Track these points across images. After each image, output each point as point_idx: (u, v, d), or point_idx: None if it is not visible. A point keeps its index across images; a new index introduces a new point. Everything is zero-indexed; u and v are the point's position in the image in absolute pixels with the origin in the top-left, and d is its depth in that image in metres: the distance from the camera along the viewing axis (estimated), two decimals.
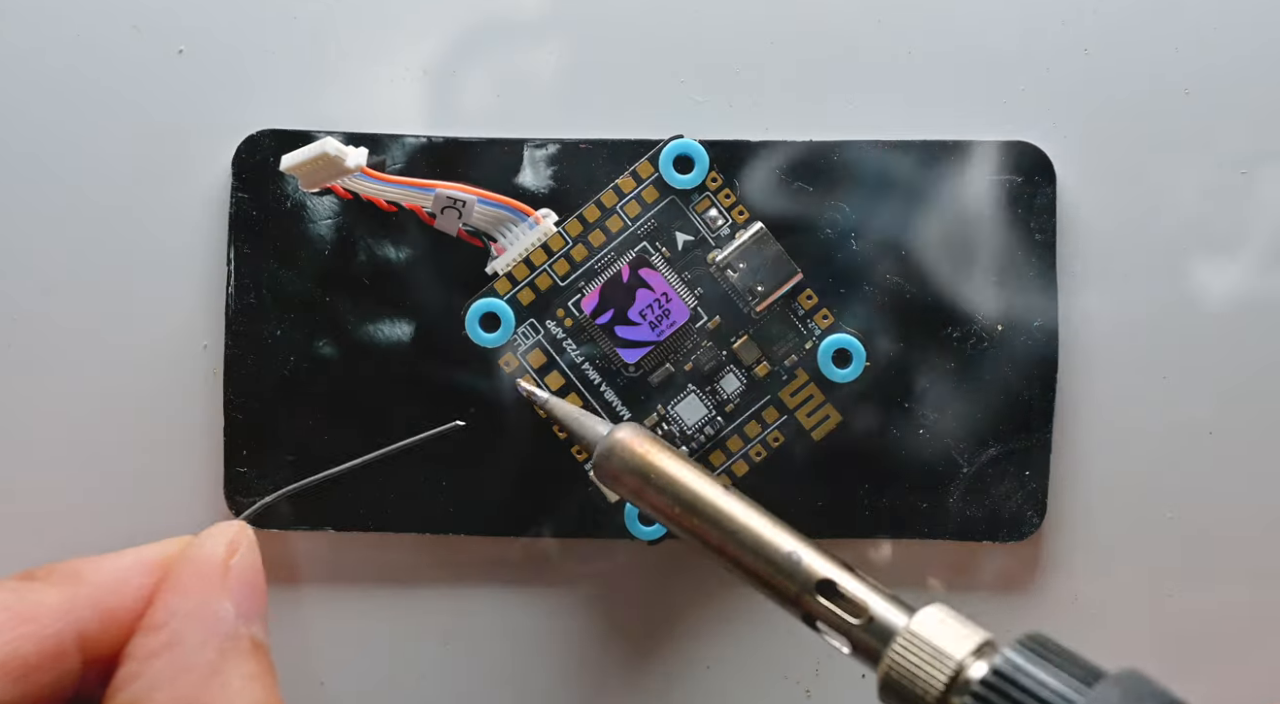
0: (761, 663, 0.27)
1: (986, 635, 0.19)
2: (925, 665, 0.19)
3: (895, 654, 0.19)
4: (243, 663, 0.19)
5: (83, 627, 0.19)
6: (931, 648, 0.19)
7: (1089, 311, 0.27)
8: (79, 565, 0.20)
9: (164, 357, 0.27)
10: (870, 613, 0.20)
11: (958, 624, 0.19)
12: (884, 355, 0.26)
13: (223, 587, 0.20)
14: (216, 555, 0.20)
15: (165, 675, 0.18)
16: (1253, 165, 0.27)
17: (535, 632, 0.27)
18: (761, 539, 0.21)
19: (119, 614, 0.19)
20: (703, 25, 0.27)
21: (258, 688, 0.19)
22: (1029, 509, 0.26)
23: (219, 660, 0.19)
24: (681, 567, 0.27)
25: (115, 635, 0.19)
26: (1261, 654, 0.27)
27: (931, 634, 0.19)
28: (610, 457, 0.22)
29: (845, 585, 0.20)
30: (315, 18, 0.27)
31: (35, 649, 0.18)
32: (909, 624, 0.19)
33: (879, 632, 0.19)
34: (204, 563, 0.20)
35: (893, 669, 0.19)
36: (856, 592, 0.20)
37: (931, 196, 0.26)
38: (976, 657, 0.19)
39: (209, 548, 0.20)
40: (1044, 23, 0.27)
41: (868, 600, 0.20)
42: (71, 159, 0.27)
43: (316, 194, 0.26)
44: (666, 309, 0.26)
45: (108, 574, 0.20)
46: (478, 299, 0.25)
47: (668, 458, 0.22)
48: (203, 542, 0.21)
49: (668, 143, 0.26)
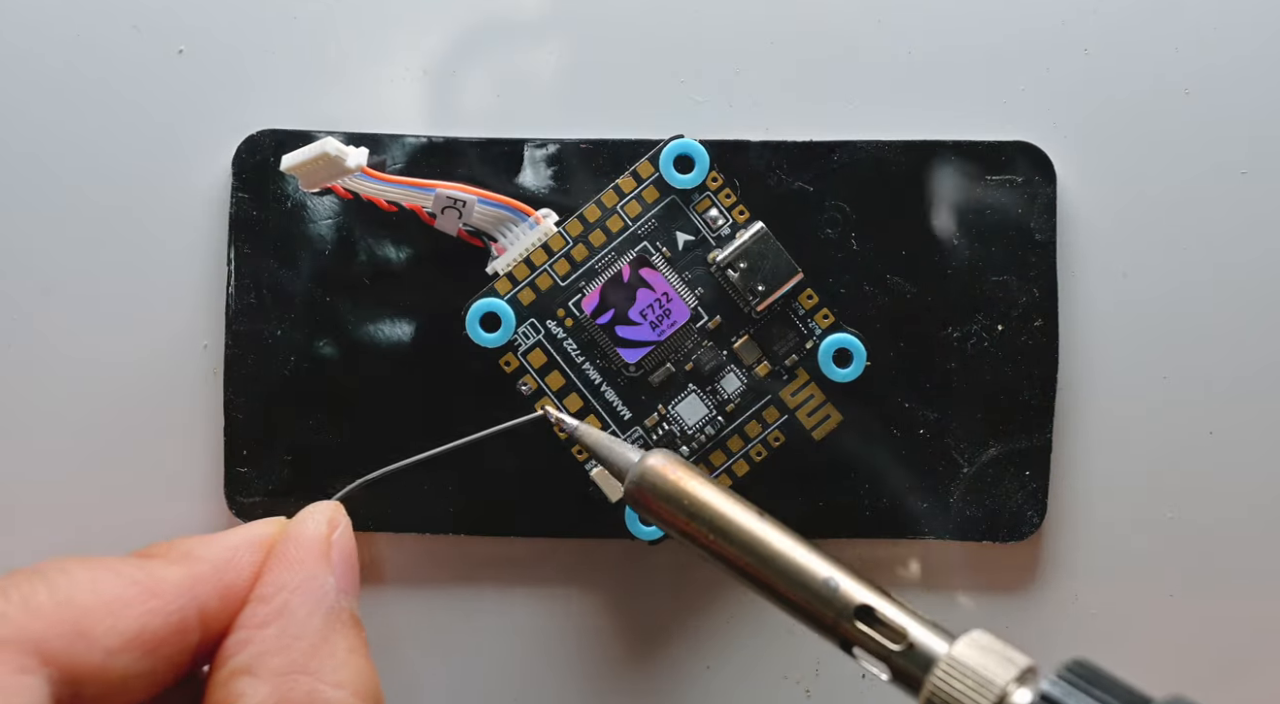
0: (761, 663, 0.27)
1: (1029, 661, 0.19)
2: (969, 694, 0.18)
3: (938, 682, 0.19)
4: (346, 634, 0.20)
5: (203, 602, 0.19)
6: (975, 675, 0.18)
7: (1089, 311, 0.27)
8: (191, 543, 0.20)
9: (164, 357, 0.27)
10: (910, 639, 0.19)
11: (999, 650, 0.19)
12: (884, 355, 0.26)
13: (326, 562, 0.21)
14: (320, 532, 0.21)
15: (276, 644, 0.19)
16: (1253, 165, 0.27)
17: (535, 632, 0.27)
18: (797, 565, 0.21)
19: (234, 589, 0.20)
20: (703, 25, 0.27)
21: (359, 659, 0.20)
22: (1029, 509, 0.26)
23: (325, 630, 0.19)
24: (681, 567, 0.27)
25: (230, 610, 0.20)
26: (1262, 654, 0.27)
27: (974, 661, 0.19)
28: (642, 483, 0.22)
29: (884, 611, 0.20)
30: (315, 18, 0.27)
31: (163, 623, 0.18)
32: (950, 651, 0.19)
33: (919, 658, 0.19)
34: (308, 539, 0.21)
35: (935, 697, 0.19)
36: (895, 617, 0.20)
37: (931, 196, 0.26)
38: (1020, 684, 0.18)
39: (311, 526, 0.21)
40: (1044, 23, 0.27)
41: (907, 626, 0.19)
42: (71, 159, 0.27)
43: (316, 194, 0.26)
44: (667, 309, 0.26)
45: (220, 551, 0.20)
46: (478, 299, 0.25)
47: (700, 484, 0.22)
48: (304, 519, 0.22)
49: (668, 143, 0.26)
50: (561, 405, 0.26)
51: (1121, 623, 0.27)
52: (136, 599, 0.18)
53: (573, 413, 0.26)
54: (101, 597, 0.18)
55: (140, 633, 0.18)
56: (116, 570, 0.19)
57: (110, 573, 0.19)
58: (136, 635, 0.18)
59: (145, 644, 0.18)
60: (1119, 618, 0.27)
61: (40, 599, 0.18)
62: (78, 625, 0.18)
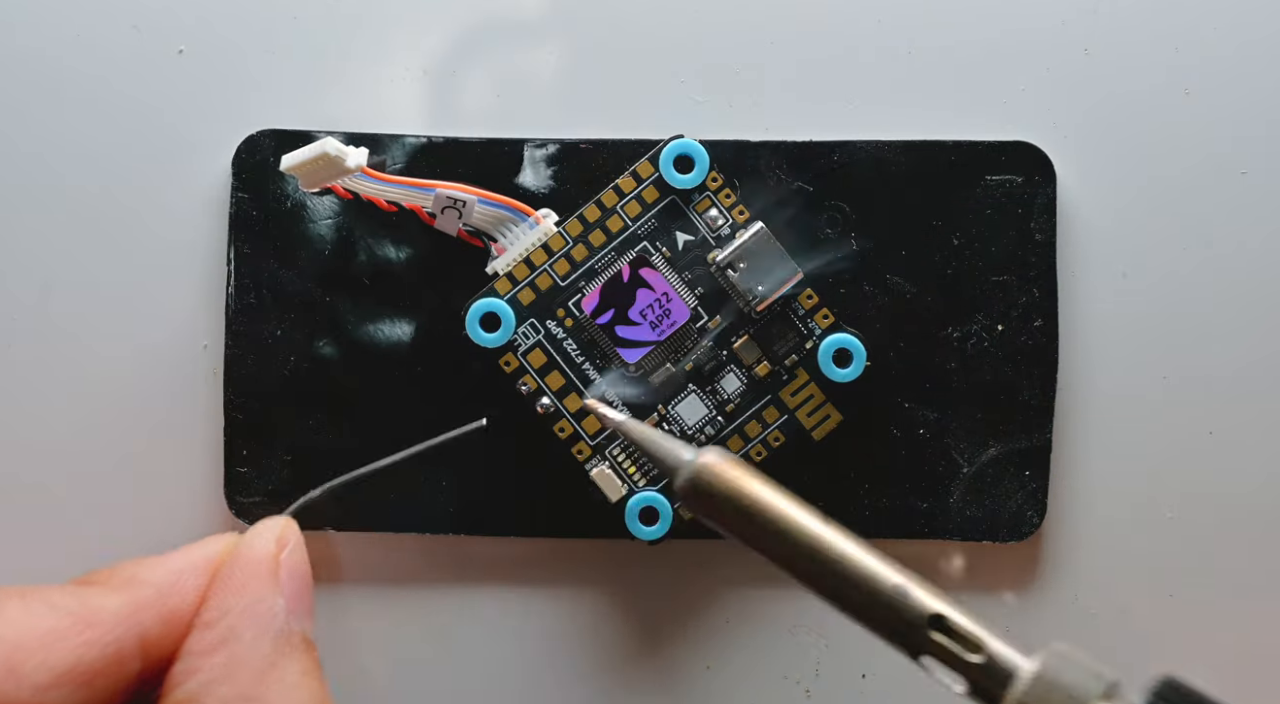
0: (761, 663, 0.27)
1: (1114, 676, 0.18)
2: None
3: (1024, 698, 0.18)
4: (296, 659, 0.19)
5: (144, 630, 0.19)
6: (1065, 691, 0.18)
7: (1089, 311, 0.27)
8: (134, 568, 0.20)
9: (164, 357, 0.27)
10: (988, 650, 0.18)
11: (1083, 664, 0.18)
12: (884, 355, 0.26)
13: (274, 583, 0.20)
14: (267, 552, 0.20)
15: (222, 671, 0.18)
16: (1253, 165, 0.27)
17: (535, 632, 0.27)
18: (866, 571, 0.19)
19: (177, 615, 0.19)
20: (703, 25, 0.27)
21: (312, 683, 0.19)
22: (1029, 509, 0.26)
23: (274, 656, 0.19)
24: (681, 567, 0.27)
25: (174, 636, 0.19)
26: (1262, 654, 0.27)
27: (1061, 677, 0.18)
28: (698, 482, 0.21)
29: (958, 621, 0.19)
30: (315, 18, 0.27)
31: (100, 655, 0.18)
32: (1035, 666, 0.18)
33: (997, 672, 0.18)
34: (255, 560, 0.20)
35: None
36: (970, 628, 0.19)
37: (931, 196, 0.26)
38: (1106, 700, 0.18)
39: (259, 545, 0.21)
40: (1044, 22, 0.27)
41: (983, 637, 0.18)
42: (72, 159, 0.27)
43: (316, 194, 0.26)
44: (667, 309, 0.26)
45: (164, 575, 0.20)
46: (478, 299, 0.25)
47: (760, 484, 0.21)
48: (252, 539, 0.21)
49: (668, 143, 0.26)
50: (563, 407, 0.26)
51: (1121, 623, 0.27)
52: (70, 631, 0.18)
53: (572, 413, 0.26)
54: (34, 630, 0.18)
55: (75, 666, 0.18)
56: (51, 601, 0.18)
57: (44, 605, 0.18)
58: (70, 669, 0.18)
59: (80, 677, 0.18)
60: (1119, 618, 0.27)
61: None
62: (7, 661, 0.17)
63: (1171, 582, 0.27)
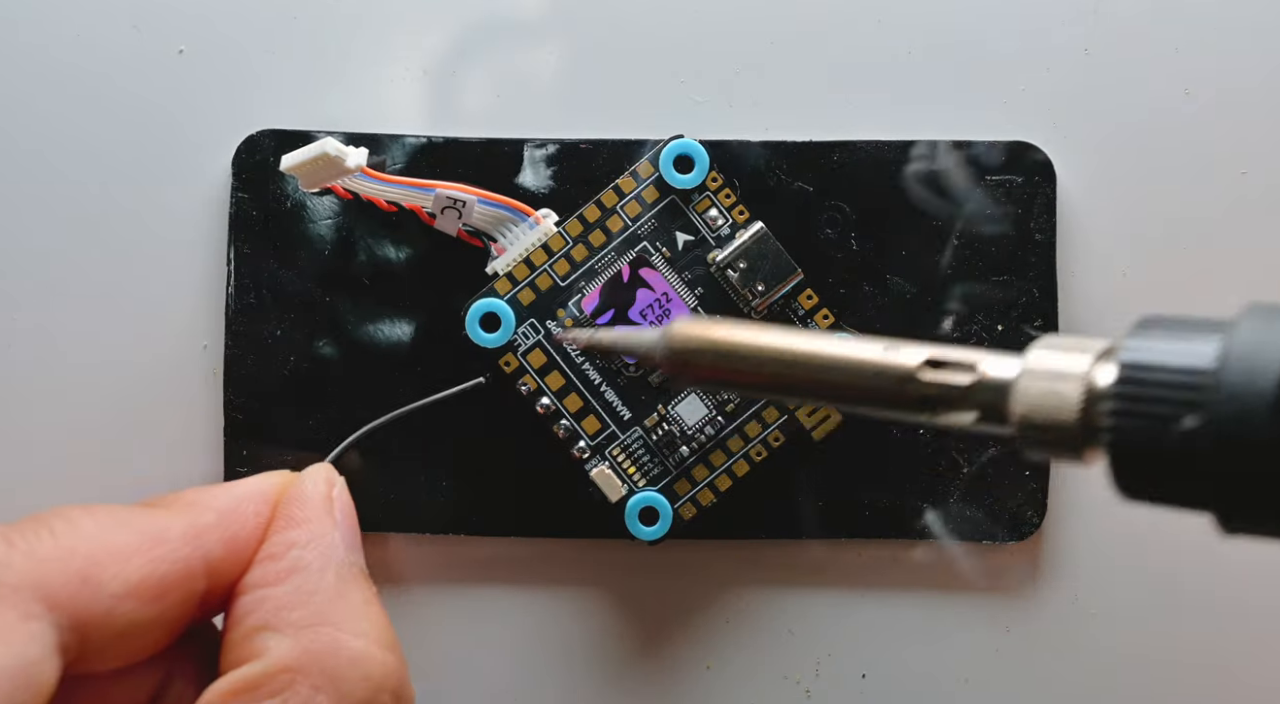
0: (761, 663, 0.27)
1: (1105, 342, 0.17)
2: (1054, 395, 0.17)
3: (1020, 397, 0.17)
4: (359, 587, 0.20)
5: (208, 551, 0.19)
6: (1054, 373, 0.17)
7: (1089, 311, 0.27)
8: (195, 494, 0.20)
9: (164, 357, 0.27)
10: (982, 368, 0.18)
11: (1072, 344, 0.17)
12: None
13: (331, 519, 0.21)
14: (321, 491, 0.21)
15: (294, 598, 0.19)
16: (1253, 165, 0.27)
17: (535, 632, 0.27)
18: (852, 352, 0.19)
19: (239, 540, 0.20)
20: (703, 25, 0.27)
21: (375, 610, 0.20)
22: (1029, 509, 0.26)
23: (339, 585, 0.20)
24: (681, 566, 0.27)
25: (236, 561, 0.20)
26: (1262, 654, 0.27)
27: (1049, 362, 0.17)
28: (674, 345, 0.21)
29: (948, 354, 0.18)
30: (315, 18, 0.27)
31: (168, 570, 0.18)
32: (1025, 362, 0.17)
33: (997, 385, 0.18)
34: (311, 498, 0.21)
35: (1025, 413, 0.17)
36: (961, 356, 0.18)
37: (931, 196, 0.26)
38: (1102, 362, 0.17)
39: (311, 485, 0.21)
40: (1044, 23, 0.27)
41: (975, 358, 0.18)
42: (72, 159, 0.27)
43: (316, 194, 0.26)
44: (667, 309, 0.26)
45: (225, 502, 0.20)
46: (478, 299, 0.25)
47: (729, 326, 0.21)
48: (305, 478, 0.21)
49: (668, 143, 0.26)
50: (563, 407, 0.26)
51: (1121, 623, 0.27)
52: (142, 546, 0.18)
53: (572, 413, 0.26)
54: (107, 544, 0.18)
55: (145, 579, 0.18)
56: (121, 518, 0.19)
57: (115, 520, 0.19)
58: (141, 582, 0.18)
59: (151, 591, 0.18)
60: (1119, 618, 0.27)
61: (45, 546, 0.18)
62: (83, 572, 0.17)
63: (1171, 581, 0.27)
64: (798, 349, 0.20)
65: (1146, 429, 0.16)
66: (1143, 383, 0.16)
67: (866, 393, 0.19)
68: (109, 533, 0.18)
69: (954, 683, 0.27)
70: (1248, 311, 0.16)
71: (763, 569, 0.27)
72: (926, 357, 0.19)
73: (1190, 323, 0.17)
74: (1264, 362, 0.15)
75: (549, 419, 0.26)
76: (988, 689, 0.27)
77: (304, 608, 0.19)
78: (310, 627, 0.19)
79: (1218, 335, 0.16)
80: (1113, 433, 0.16)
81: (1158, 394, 0.16)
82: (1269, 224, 0.27)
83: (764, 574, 0.27)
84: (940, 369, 0.18)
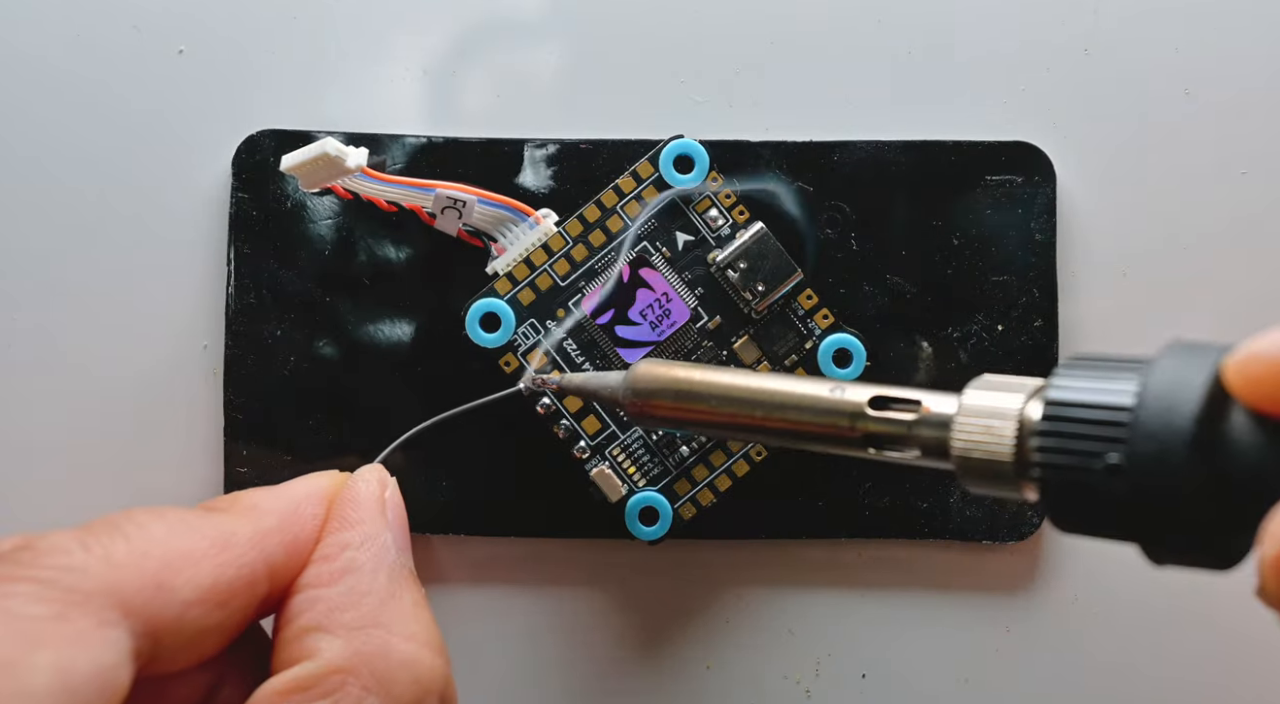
0: (761, 663, 0.27)
1: (1038, 382, 0.18)
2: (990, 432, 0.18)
3: (959, 433, 0.18)
4: (410, 589, 0.20)
5: (270, 555, 0.19)
6: (989, 411, 0.18)
7: (1089, 311, 0.27)
8: (255, 497, 0.20)
9: (164, 357, 0.27)
10: (924, 406, 0.19)
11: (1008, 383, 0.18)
12: (884, 355, 0.26)
13: (383, 520, 0.21)
14: (373, 492, 0.21)
15: (346, 600, 0.19)
16: (1253, 165, 0.27)
17: (535, 632, 0.27)
18: (801, 390, 0.20)
19: (299, 543, 0.20)
20: (703, 25, 0.27)
21: (425, 612, 0.20)
22: (1029, 509, 0.26)
23: (391, 587, 0.20)
24: (681, 567, 0.27)
25: (296, 563, 0.20)
26: (1262, 655, 0.27)
27: (984, 401, 0.18)
28: (636, 386, 0.22)
29: (894, 393, 0.19)
30: (315, 18, 0.27)
31: (235, 576, 0.19)
32: (961, 401, 0.18)
33: (937, 421, 0.19)
34: (366, 497, 0.21)
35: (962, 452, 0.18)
36: (906, 395, 0.19)
37: (931, 196, 0.26)
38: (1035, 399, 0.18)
39: (364, 486, 0.21)
40: (1044, 23, 0.27)
41: (920, 397, 0.19)
42: (72, 160, 0.27)
43: (316, 194, 0.26)
44: (667, 309, 0.26)
45: (285, 505, 0.20)
46: (478, 299, 0.25)
47: (687, 367, 0.22)
48: (357, 480, 0.22)
49: (668, 143, 0.26)
50: (562, 407, 0.26)
51: (1121, 623, 0.27)
52: (209, 552, 0.18)
53: (572, 413, 0.26)
54: (177, 548, 0.18)
55: (214, 585, 0.18)
56: (189, 522, 0.19)
57: (183, 525, 0.19)
58: (211, 588, 0.18)
59: (219, 596, 0.18)
60: (1119, 618, 0.27)
61: (120, 552, 0.18)
62: (157, 577, 0.18)
63: (1171, 582, 0.27)
64: (753, 388, 0.21)
65: (1073, 465, 0.17)
66: (1067, 420, 0.17)
67: (816, 430, 0.20)
68: (179, 537, 0.18)
69: (954, 683, 0.27)
70: (1167, 349, 0.17)
71: (763, 569, 0.27)
72: (871, 396, 0.20)
73: (1115, 361, 0.17)
74: (1181, 399, 0.16)
75: (549, 419, 0.26)
76: (988, 689, 0.27)
77: (356, 610, 0.19)
78: (362, 629, 0.19)
79: (1137, 374, 0.16)
80: (1042, 468, 0.17)
81: (1081, 431, 0.17)
82: (1269, 224, 0.27)
83: (764, 574, 0.27)
84: (885, 408, 0.19)
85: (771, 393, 0.21)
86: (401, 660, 0.19)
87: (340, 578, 0.20)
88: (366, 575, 0.20)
